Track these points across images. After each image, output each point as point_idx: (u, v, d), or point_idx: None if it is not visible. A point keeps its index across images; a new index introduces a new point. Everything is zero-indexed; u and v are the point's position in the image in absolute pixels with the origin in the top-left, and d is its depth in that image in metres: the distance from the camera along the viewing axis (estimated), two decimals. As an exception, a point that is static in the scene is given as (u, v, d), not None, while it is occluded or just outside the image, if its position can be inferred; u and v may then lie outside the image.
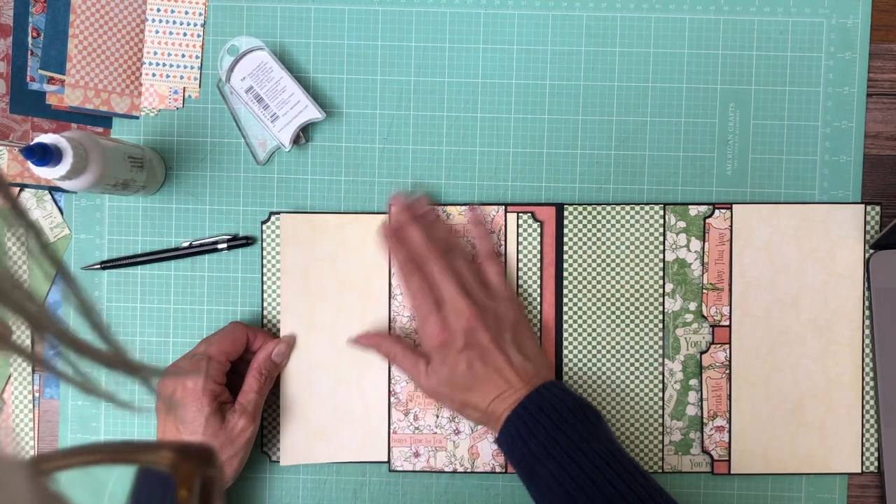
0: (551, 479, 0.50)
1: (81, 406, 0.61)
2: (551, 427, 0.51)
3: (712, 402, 0.61)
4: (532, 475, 0.51)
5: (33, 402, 0.62)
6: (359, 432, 0.61)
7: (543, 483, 0.51)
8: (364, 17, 0.61)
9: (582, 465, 0.50)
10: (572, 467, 0.50)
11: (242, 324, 0.59)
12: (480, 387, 0.54)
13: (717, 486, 0.61)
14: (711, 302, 0.61)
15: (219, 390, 0.55)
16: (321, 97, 0.61)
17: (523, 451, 0.52)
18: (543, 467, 0.51)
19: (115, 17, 0.60)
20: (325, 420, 0.60)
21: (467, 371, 0.54)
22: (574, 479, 0.49)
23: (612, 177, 0.61)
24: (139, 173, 0.56)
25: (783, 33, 0.61)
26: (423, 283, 0.56)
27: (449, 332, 0.55)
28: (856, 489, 0.61)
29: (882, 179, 0.61)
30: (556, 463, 0.50)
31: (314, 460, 0.60)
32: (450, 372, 0.55)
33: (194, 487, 0.25)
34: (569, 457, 0.50)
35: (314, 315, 0.60)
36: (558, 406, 0.52)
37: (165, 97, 0.61)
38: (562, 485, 0.49)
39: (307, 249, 0.60)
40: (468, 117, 0.61)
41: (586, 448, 0.50)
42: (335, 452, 0.60)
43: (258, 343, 0.59)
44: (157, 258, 0.61)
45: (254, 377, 0.57)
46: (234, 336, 0.57)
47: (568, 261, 0.61)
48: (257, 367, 0.57)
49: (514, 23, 0.61)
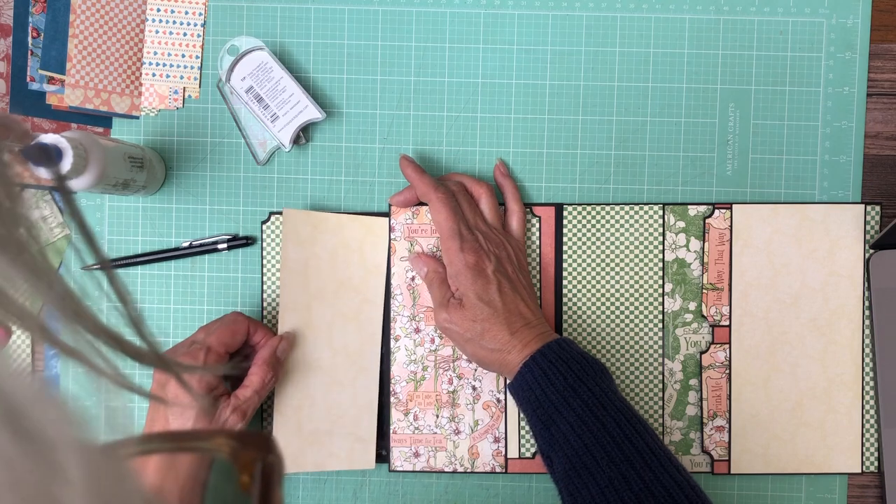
0: (570, 431, 0.50)
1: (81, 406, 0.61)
2: (572, 378, 0.51)
3: (712, 402, 0.61)
4: (548, 424, 0.51)
5: (33, 401, 0.62)
6: (349, 440, 0.60)
7: (560, 434, 0.50)
8: (364, 17, 0.61)
9: (602, 419, 0.49)
10: (592, 420, 0.49)
11: (244, 315, 0.58)
12: (503, 317, 0.54)
13: (717, 486, 0.61)
14: (711, 302, 0.61)
15: (215, 382, 0.54)
16: (321, 97, 0.61)
17: (541, 398, 0.51)
18: (562, 417, 0.50)
19: (115, 17, 0.60)
20: (318, 424, 0.60)
21: (497, 293, 0.54)
22: (593, 433, 0.49)
23: (612, 177, 0.61)
24: (139, 173, 0.56)
25: (783, 33, 0.61)
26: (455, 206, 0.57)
27: (484, 253, 0.55)
28: (856, 489, 0.61)
29: (882, 179, 0.61)
30: (576, 414, 0.50)
31: (304, 468, 0.60)
32: (479, 293, 0.55)
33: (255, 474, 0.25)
34: (589, 410, 0.50)
35: (312, 314, 0.60)
36: (578, 359, 0.52)
37: (165, 97, 0.61)
38: (580, 437, 0.49)
39: (308, 247, 0.60)
40: (468, 117, 0.61)
41: (606, 402, 0.50)
42: (325, 461, 0.60)
43: (258, 336, 0.58)
44: (157, 258, 0.61)
45: (258, 376, 0.55)
46: (235, 328, 0.56)
47: (567, 261, 0.61)
48: (263, 364, 0.56)
49: (514, 23, 0.61)
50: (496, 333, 0.54)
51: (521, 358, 0.53)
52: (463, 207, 0.57)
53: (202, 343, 0.54)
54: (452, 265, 0.56)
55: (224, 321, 0.56)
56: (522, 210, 0.60)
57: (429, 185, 0.57)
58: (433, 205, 0.57)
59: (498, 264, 0.56)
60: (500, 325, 0.54)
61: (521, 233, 0.60)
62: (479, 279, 0.55)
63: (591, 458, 0.49)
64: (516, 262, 0.57)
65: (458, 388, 0.61)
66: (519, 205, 0.60)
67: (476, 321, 0.55)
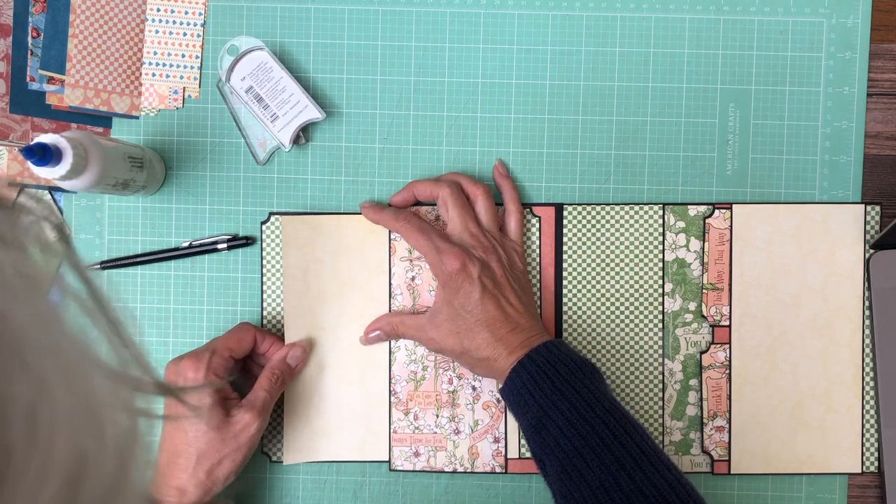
0: (560, 434, 0.49)
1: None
2: (560, 381, 0.51)
3: (712, 402, 0.61)
4: (538, 428, 0.51)
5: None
6: (360, 432, 0.61)
7: (551, 437, 0.50)
8: (364, 17, 0.61)
9: (590, 421, 0.49)
10: (581, 423, 0.49)
11: (251, 325, 0.59)
12: (484, 323, 0.54)
13: (717, 487, 0.61)
14: (711, 302, 0.61)
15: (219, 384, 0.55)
16: (321, 97, 0.61)
17: (529, 402, 0.51)
18: (551, 421, 0.50)
19: (115, 17, 0.60)
20: (328, 419, 0.61)
21: (480, 300, 0.54)
22: (582, 435, 0.49)
23: (612, 177, 0.61)
24: (139, 173, 0.56)
25: (783, 33, 0.61)
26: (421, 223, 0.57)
27: (468, 257, 0.55)
28: (856, 489, 0.61)
29: (882, 179, 0.61)
30: (564, 418, 0.49)
31: (316, 458, 0.60)
32: (462, 303, 0.54)
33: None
34: (577, 412, 0.49)
35: (316, 317, 0.61)
36: (566, 361, 0.52)
37: (165, 97, 0.61)
38: (570, 440, 0.49)
39: (308, 251, 0.60)
40: (468, 117, 0.61)
41: (595, 404, 0.50)
42: (337, 451, 0.61)
43: (266, 345, 0.59)
44: (157, 258, 0.61)
45: (266, 376, 0.57)
46: (240, 335, 0.57)
47: (567, 261, 0.61)
48: (271, 367, 0.57)
49: (514, 23, 0.61)
50: (480, 342, 0.54)
51: (509, 363, 0.53)
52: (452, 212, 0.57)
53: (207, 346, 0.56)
54: (438, 278, 0.56)
55: (231, 329, 0.58)
56: (520, 211, 0.60)
57: (388, 216, 0.58)
58: (401, 232, 0.57)
59: (484, 268, 0.55)
60: (483, 333, 0.54)
61: (519, 234, 0.59)
62: (462, 286, 0.54)
63: (582, 460, 0.48)
64: (508, 264, 0.57)
65: (458, 388, 0.61)
66: (517, 206, 0.60)
67: (460, 332, 0.55)
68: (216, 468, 0.53)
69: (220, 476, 0.53)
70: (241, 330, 0.58)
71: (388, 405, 0.61)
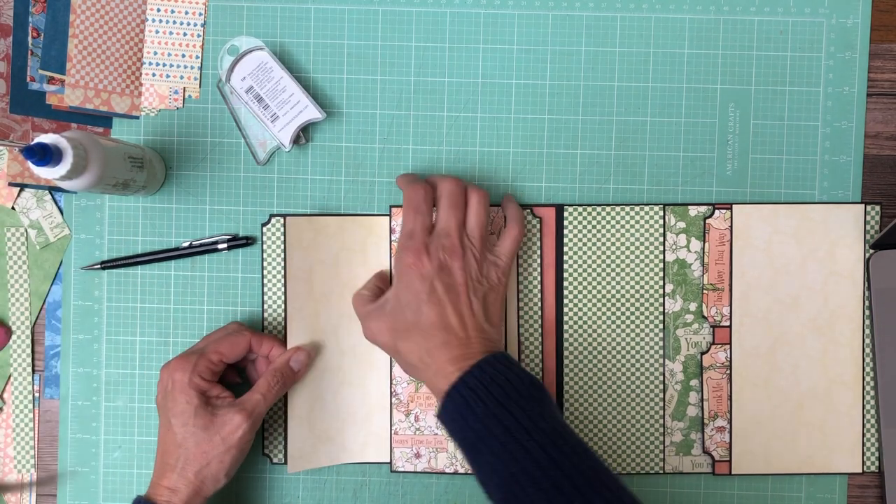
0: (496, 460, 0.48)
1: (82, 406, 0.61)
2: (493, 404, 0.48)
3: (713, 403, 0.61)
4: (475, 455, 0.49)
5: (33, 401, 0.62)
6: (361, 433, 0.61)
7: (487, 464, 0.48)
8: (364, 17, 0.61)
9: (526, 446, 0.47)
10: (516, 448, 0.47)
11: (246, 328, 0.58)
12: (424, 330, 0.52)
13: (717, 487, 0.61)
14: (712, 302, 0.61)
15: (205, 386, 0.54)
16: (321, 97, 0.61)
17: (464, 428, 0.49)
18: (486, 447, 0.48)
19: (115, 17, 0.60)
20: (329, 422, 0.60)
21: (424, 302, 0.52)
22: (517, 461, 0.47)
23: (612, 177, 0.61)
24: (139, 173, 0.56)
25: (783, 33, 0.61)
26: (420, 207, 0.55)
27: (427, 256, 0.53)
28: (856, 489, 0.61)
29: (882, 179, 0.61)
30: (499, 443, 0.47)
31: (318, 464, 0.60)
32: (408, 300, 0.52)
33: None
34: (512, 437, 0.47)
35: (319, 318, 0.60)
36: (501, 382, 0.49)
37: (165, 97, 0.61)
38: (507, 466, 0.47)
39: (312, 253, 0.60)
40: (468, 117, 0.61)
41: (531, 427, 0.48)
42: (338, 454, 0.60)
43: (265, 348, 0.58)
44: (157, 258, 0.61)
45: (265, 379, 0.56)
46: (234, 340, 0.57)
47: (568, 262, 0.61)
48: (272, 371, 0.57)
49: (514, 23, 0.61)
50: (411, 347, 0.52)
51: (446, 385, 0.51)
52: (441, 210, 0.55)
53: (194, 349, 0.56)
54: (395, 267, 0.55)
55: (224, 331, 0.58)
56: (519, 231, 0.57)
57: (404, 181, 0.57)
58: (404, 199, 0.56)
59: (441, 270, 0.53)
60: (415, 337, 0.52)
61: (508, 251, 0.56)
62: (412, 283, 0.53)
63: (519, 486, 0.46)
64: (476, 273, 0.54)
65: (459, 388, 0.61)
66: (517, 226, 0.57)
67: (397, 330, 0.53)
68: (204, 469, 0.53)
69: (209, 476, 0.53)
70: (235, 334, 0.57)
71: (388, 407, 0.61)
